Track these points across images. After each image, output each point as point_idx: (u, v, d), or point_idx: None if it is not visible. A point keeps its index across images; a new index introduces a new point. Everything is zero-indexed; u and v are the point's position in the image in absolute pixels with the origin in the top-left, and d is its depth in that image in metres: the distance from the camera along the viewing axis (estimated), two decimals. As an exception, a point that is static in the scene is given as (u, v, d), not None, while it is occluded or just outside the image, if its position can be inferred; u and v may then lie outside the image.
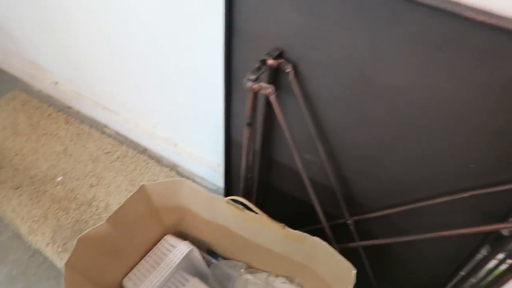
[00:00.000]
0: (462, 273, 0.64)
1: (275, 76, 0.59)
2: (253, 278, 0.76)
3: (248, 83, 0.53)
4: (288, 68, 0.56)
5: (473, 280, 0.63)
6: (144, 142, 1.19)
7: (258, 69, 0.55)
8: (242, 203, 0.65)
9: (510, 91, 0.43)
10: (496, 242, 0.58)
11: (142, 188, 0.66)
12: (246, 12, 0.56)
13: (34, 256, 0.96)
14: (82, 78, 1.18)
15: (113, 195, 1.07)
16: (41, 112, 1.29)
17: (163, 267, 0.73)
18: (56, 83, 1.30)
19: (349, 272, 0.56)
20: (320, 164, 0.66)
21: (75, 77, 1.20)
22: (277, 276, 0.76)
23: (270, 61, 0.56)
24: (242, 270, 0.78)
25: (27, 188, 1.08)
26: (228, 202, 0.65)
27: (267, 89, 0.54)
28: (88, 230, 0.59)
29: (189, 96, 0.89)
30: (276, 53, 0.56)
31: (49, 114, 1.29)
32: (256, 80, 0.54)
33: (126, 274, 0.73)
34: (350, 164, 0.64)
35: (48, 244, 0.96)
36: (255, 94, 0.56)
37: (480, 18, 0.39)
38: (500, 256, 0.59)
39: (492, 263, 0.60)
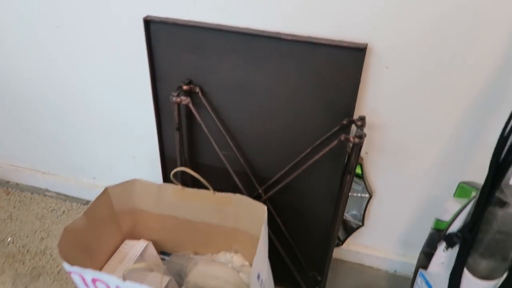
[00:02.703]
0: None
1: (190, 96, 0.90)
2: (199, 258, 0.98)
3: (172, 98, 0.84)
4: (197, 89, 0.88)
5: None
6: (86, 195, 1.37)
7: (177, 90, 0.85)
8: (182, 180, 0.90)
9: (319, 74, 0.80)
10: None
11: (105, 191, 0.86)
12: (163, 59, 0.88)
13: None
14: (23, 149, 1.34)
15: (65, 241, 1.20)
16: (-21, 191, 1.39)
17: (124, 264, 0.91)
18: (-8, 162, 1.43)
19: (263, 211, 0.83)
20: (234, 155, 0.95)
21: (14, 151, 1.36)
22: (218, 252, 0.99)
23: (185, 87, 0.87)
24: (191, 255, 0.99)
25: (-22, 252, 1.16)
26: (172, 177, 0.86)
27: (186, 100, 0.84)
28: (71, 222, 0.78)
29: (123, 140, 1.15)
30: (187, 81, 0.88)
31: (-13, 191, 1.39)
32: (177, 96, 0.84)
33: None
34: (251, 148, 0.95)
35: (9, 290, 1.06)
36: (178, 105, 0.85)
37: (290, 38, 0.77)
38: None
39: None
